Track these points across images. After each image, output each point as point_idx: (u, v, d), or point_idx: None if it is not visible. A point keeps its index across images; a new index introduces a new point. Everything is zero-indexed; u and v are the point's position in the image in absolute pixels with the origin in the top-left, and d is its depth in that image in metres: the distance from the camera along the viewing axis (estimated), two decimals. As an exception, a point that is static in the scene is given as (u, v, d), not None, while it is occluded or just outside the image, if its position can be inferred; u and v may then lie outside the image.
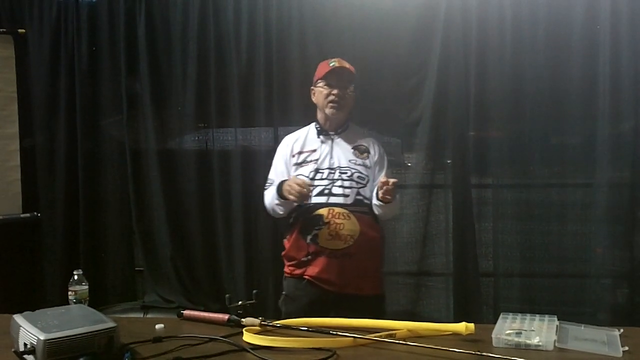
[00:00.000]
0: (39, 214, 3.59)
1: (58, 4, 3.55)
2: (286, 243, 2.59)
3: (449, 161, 3.24)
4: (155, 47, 3.47)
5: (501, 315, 1.95)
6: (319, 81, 2.57)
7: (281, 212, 2.55)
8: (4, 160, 3.55)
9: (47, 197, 3.59)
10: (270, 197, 2.54)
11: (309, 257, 2.47)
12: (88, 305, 2.08)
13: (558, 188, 3.15)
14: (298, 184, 2.36)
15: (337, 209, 2.44)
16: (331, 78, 2.54)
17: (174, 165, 3.48)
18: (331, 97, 2.53)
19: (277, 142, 3.30)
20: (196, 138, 3.49)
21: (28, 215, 3.57)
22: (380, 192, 2.37)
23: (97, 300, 3.31)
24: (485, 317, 3.11)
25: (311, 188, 2.43)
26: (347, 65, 2.55)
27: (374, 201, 2.47)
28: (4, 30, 3.55)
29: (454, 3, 3.13)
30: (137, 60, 3.47)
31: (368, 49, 3.16)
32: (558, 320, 1.90)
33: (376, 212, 2.50)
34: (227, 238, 3.41)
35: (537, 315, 1.95)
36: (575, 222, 3.11)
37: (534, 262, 3.13)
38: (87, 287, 2.14)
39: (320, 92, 2.57)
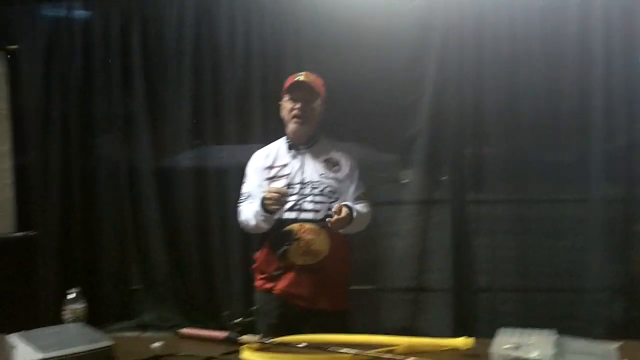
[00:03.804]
0: (33, 233, 3.54)
1: (51, 20, 3.51)
2: (257, 257, 2.57)
3: (445, 177, 3.26)
4: (149, 64, 3.45)
5: (500, 330, 1.97)
6: (285, 95, 2.55)
7: (266, 226, 2.46)
8: (-3, 178, 3.51)
9: (42, 215, 3.54)
10: (252, 212, 2.46)
11: (279, 271, 2.46)
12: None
13: (553, 203, 3.17)
14: (274, 192, 2.35)
15: (307, 225, 2.41)
16: (294, 92, 2.52)
17: (170, 183, 3.46)
18: (294, 112, 2.51)
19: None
20: (192, 155, 3.47)
21: (22, 234, 3.53)
22: (331, 219, 2.34)
23: (93, 319, 3.30)
24: (483, 332, 3.11)
25: (288, 193, 2.40)
26: (312, 79, 2.53)
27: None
28: (-4, 46, 3.51)
29: (450, 20, 3.15)
30: (131, 77, 3.45)
31: (365, 65, 3.15)
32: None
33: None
34: (224, 256, 3.39)
35: (535, 329, 1.97)
36: (570, 237, 3.13)
37: (530, 277, 3.15)
38: (84, 305, 2.11)
39: (285, 107, 2.56)
